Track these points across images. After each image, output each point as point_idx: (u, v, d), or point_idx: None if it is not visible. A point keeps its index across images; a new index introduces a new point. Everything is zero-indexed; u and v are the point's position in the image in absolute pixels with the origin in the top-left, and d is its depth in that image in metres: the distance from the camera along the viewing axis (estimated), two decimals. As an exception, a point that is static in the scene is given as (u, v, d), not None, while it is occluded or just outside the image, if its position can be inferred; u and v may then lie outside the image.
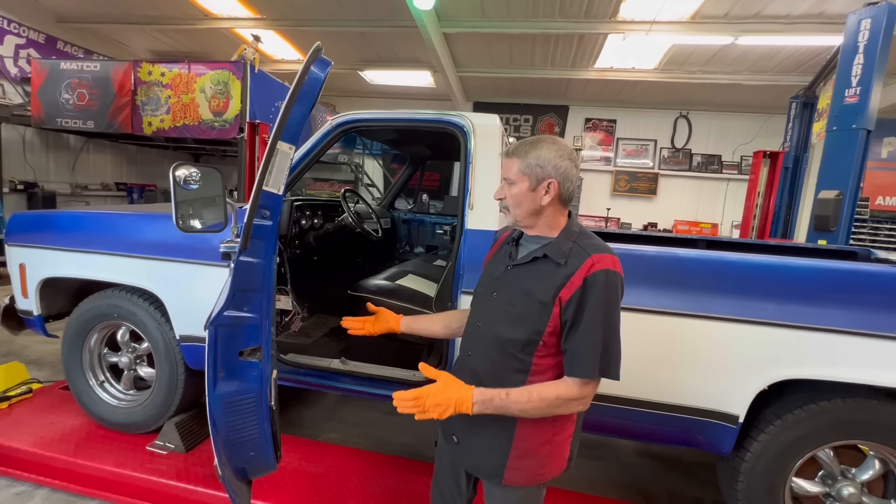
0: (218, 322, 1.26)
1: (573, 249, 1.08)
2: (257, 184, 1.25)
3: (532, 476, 1.15)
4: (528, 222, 1.15)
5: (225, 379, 1.30)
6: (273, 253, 1.36)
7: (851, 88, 3.81)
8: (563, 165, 1.08)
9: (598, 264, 1.04)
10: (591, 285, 1.03)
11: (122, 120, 5.70)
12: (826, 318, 1.54)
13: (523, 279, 1.12)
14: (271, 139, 1.27)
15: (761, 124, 8.07)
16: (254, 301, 1.31)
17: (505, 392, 1.06)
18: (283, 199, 1.40)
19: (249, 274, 1.29)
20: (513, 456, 1.13)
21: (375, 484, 2.07)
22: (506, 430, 1.13)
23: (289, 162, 1.31)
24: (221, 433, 1.32)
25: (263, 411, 1.36)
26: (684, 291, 1.67)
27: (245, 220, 1.26)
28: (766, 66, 6.30)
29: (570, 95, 8.53)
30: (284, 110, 1.27)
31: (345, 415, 2.93)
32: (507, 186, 1.14)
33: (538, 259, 1.11)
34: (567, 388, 1.05)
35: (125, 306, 2.20)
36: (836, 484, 1.70)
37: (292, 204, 2.50)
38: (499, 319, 1.14)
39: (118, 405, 2.33)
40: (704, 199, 8.55)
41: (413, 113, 2.06)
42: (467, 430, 1.21)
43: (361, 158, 8.79)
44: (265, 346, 1.35)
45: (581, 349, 1.04)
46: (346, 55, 7.48)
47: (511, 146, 1.14)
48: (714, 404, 1.66)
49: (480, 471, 1.21)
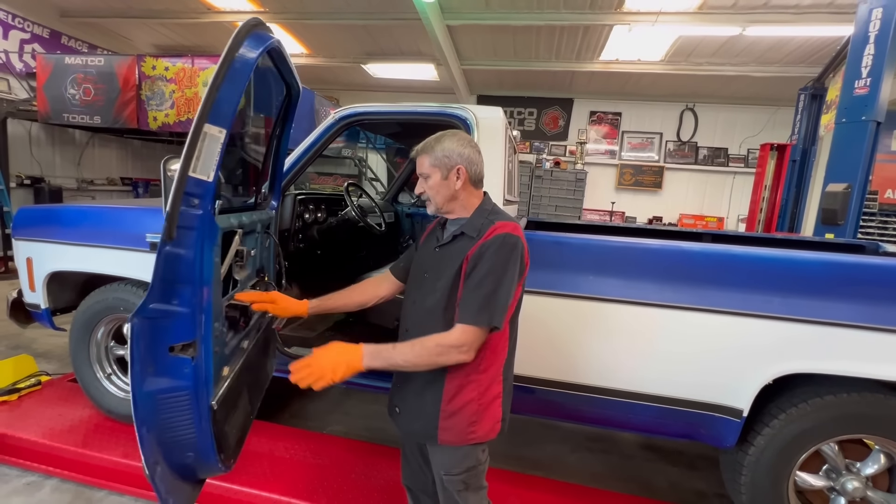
0: (143, 314, 1.18)
1: (484, 224, 1.21)
2: (181, 169, 1.15)
3: (463, 434, 1.22)
4: (447, 208, 1.27)
5: (154, 375, 1.23)
6: (212, 244, 1.27)
7: (861, 79, 3.74)
8: (466, 152, 1.23)
9: (498, 230, 1.18)
10: (488, 245, 1.16)
11: (128, 115, 5.71)
12: (832, 312, 1.53)
13: (446, 257, 1.24)
14: (196, 121, 1.16)
15: (769, 117, 7.97)
16: (184, 294, 1.22)
17: (391, 345, 1.17)
18: (286, 193, 1.37)
19: (177, 265, 1.20)
20: (442, 416, 1.22)
21: (378, 476, 2.08)
22: (435, 391, 1.23)
23: (219, 146, 1.21)
24: (152, 431, 1.26)
25: (202, 411, 1.28)
26: (689, 285, 1.66)
27: (168, 208, 1.15)
28: (773, 57, 6.21)
29: (574, 88, 8.45)
30: (210, 90, 1.17)
31: (349, 407, 2.95)
32: (424, 181, 1.26)
33: (458, 237, 1.24)
34: (447, 335, 1.14)
35: (131, 300, 2.21)
36: (840, 478, 1.69)
37: (296, 198, 2.50)
38: (428, 294, 1.24)
39: (125, 397, 2.35)
40: (710, 192, 8.47)
41: (415, 106, 2.05)
42: (401, 396, 1.32)
43: (365, 152, 8.78)
44: (203, 343, 1.26)
45: (466, 298, 1.15)
46: (349, 48, 7.45)
47: (418, 146, 1.26)
48: (718, 398, 1.65)
49: (418, 434, 1.30)
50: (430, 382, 1.23)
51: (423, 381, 1.24)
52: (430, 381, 1.23)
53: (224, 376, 1.42)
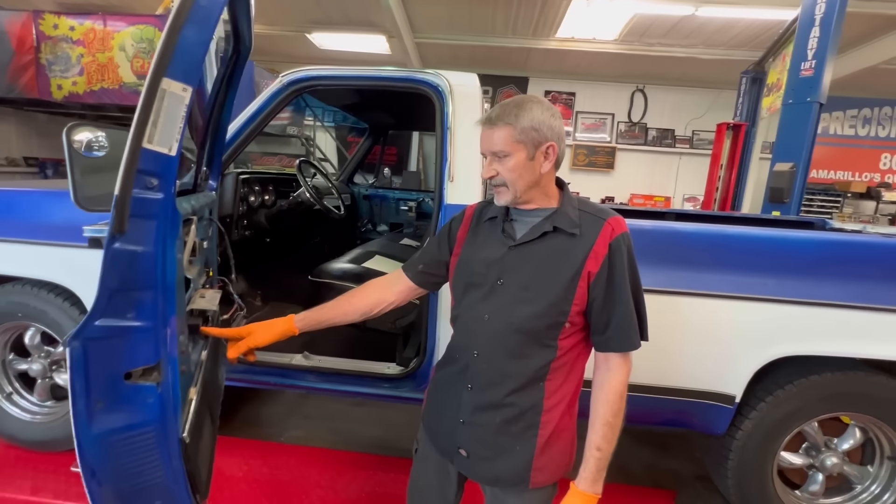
0: (86, 335, 0.91)
1: (583, 218, 1.00)
2: (133, 138, 0.87)
3: (558, 471, 1.05)
4: (527, 197, 1.01)
5: (106, 411, 0.96)
6: (174, 237, 1.02)
7: (807, 62, 3.88)
8: (557, 125, 0.98)
9: (616, 229, 0.98)
10: (616, 251, 0.96)
11: (26, 82, 4.86)
12: (825, 292, 1.49)
13: (532, 258, 1.00)
14: (150, 74, 0.89)
15: (712, 99, 8.29)
16: (143, 304, 0.96)
17: (596, 447, 0.98)
18: (226, 171, 1.08)
19: (132, 267, 0.93)
20: (537, 453, 1.01)
21: (348, 488, 1.88)
22: (526, 425, 1.01)
23: (183, 109, 0.94)
24: (107, 482, 0.99)
25: (170, 447, 1.03)
26: (679, 268, 1.56)
27: (117, 192, 0.87)
28: (720, 39, 6.40)
29: (530, 66, 8.34)
30: (168, 33, 0.89)
31: (308, 409, 2.69)
32: (498, 161, 0.98)
33: (547, 234, 0.99)
34: (621, 380, 1.00)
35: (31, 304, 1.81)
36: (819, 455, 1.71)
37: (238, 177, 2.16)
38: (514, 307, 0.99)
39: (33, 420, 1.96)
40: (658, 172, 8.76)
41: (378, 71, 1.79)
42: (485, 442, 1.04)
43: (313, 131, 8.22)
44: (168, 364, 1.01)
45: (623, 322, 0.97)
46: (292, 15, 6.82)
47: (490, 113, 0.99)
48: (710, 385, 1.59)
49: (503, 481, 1.06)
50: (520, 415, 1.00)
51: (510, 415, 1.01)
52: (520, 415, 1.00)
53: (190, 399, 1.15)
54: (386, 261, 2.48)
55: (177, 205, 1.03)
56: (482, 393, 1.03)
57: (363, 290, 1.22)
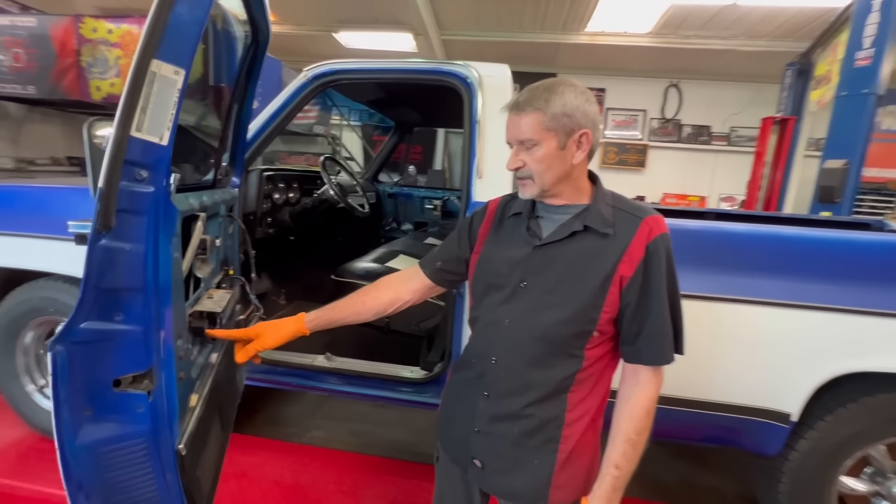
0: (71, 339, 0.85)
1: (618, 217, 0.90)
2: (118, 126, 0.80)
3: (578, 488, 0.96)
4: (555, 191, 0.92)
5: (92, 421, 0.90)
6: (169, 234, 0.95)
7: (863, 50, 3.59)
8: (592, 111, 0.88)
9: (655, 229, 0.88)
10: (653, 255, 0.86)
11: (68, 84, 5.06)
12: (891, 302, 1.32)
13: (560, 260, 0.91)
14: (138, 55, 0.81)
15: (752, 94, 7.89)
16: (132, 306, 0.90)
17: (614, 465, 0.90)
18: (250, 168, 1.03)
19: (119, 266, 0.87)
20: (557, 469, 0.93)
21: (370, 494, 1.83)
22: (546, 438, 0.93)
23: (175, 94, 0.87)
24: (95, 497, 0.93)
25: (164, 459, 0.98)
26: (731, 273, 1.43)
27: (102, 185, 0.80)
28: (763, 30, 6.05)
29: (558, 62, 8.13)
30: (157, 10, 0.81)
31: (330, 409, 2.66)
32: (525, 151, 0.89)
33: (577, 233, 0.90)
34: (650, 395, 0.90)
35: (62, 299, 1.83)
36: (886, 482, 1.54)
37: (262, 174, 2.13)
38: (537, 312, 0.90)
39: (63, 413, 1.99)
40: (692, 171, 8.40)
41: (405, 63, 1.72)
42: (501, 454, 0.96)
43: (339, 130, 8.29)
44: (162, 370, 0.95)
45: (656, 333, 0.88)
46: (319, 15, 6.87)
47: (518, 97, 0.90)
48: (763, 402, 1.45)
49: (520, 498, 0.97)
50: (540, 428, 0.92)
51: (529, 427, 0.92)
52: (539, 427, 0.92)
53: (192, 407, 1.08)
54: (410, 260, 2.42)
55: (176, 200, 0.98)
56: (499, 402, 0.95)
57: (376, 287, 1.14)
